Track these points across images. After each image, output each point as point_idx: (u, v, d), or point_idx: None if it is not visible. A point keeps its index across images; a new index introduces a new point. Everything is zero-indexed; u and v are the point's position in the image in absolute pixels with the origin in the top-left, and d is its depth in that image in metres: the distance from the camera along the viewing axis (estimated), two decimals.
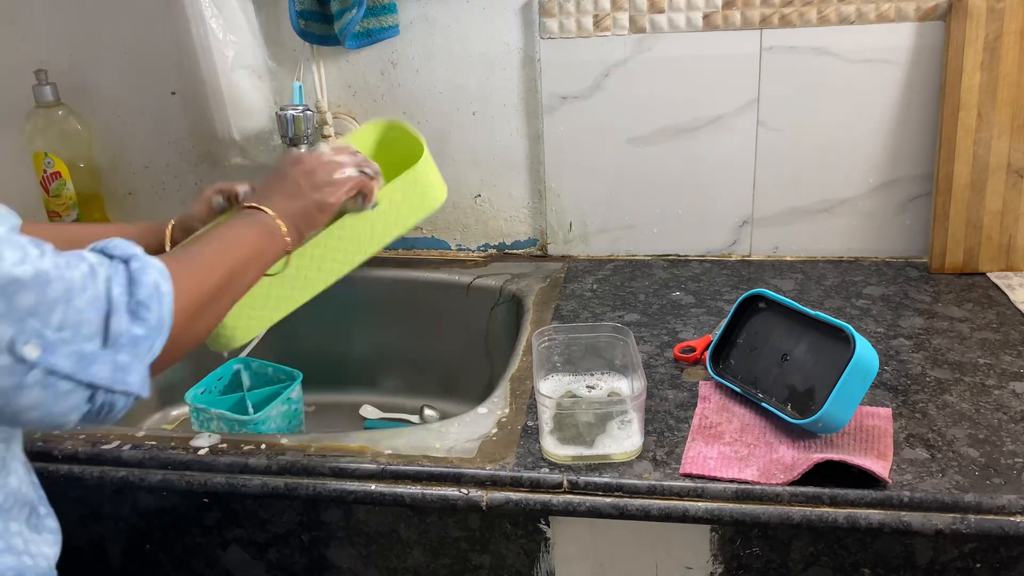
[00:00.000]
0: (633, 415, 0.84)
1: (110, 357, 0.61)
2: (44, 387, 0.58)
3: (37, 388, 0.58)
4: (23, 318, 0.56)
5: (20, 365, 0.57)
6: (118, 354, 0.62)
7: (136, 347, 0.63)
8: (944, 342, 1.04)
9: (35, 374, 0.57)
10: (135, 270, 0.64)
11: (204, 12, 1.21)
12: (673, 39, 1.24)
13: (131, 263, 0.64)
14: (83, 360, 0.60)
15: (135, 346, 0.63)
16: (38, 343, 0.57)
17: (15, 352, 0.56)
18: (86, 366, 0.60)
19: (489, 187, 1.39)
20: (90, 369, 0.60)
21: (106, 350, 0.61)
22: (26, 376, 0.57)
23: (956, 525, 0.76)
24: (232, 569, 0.96)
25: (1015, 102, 1.16)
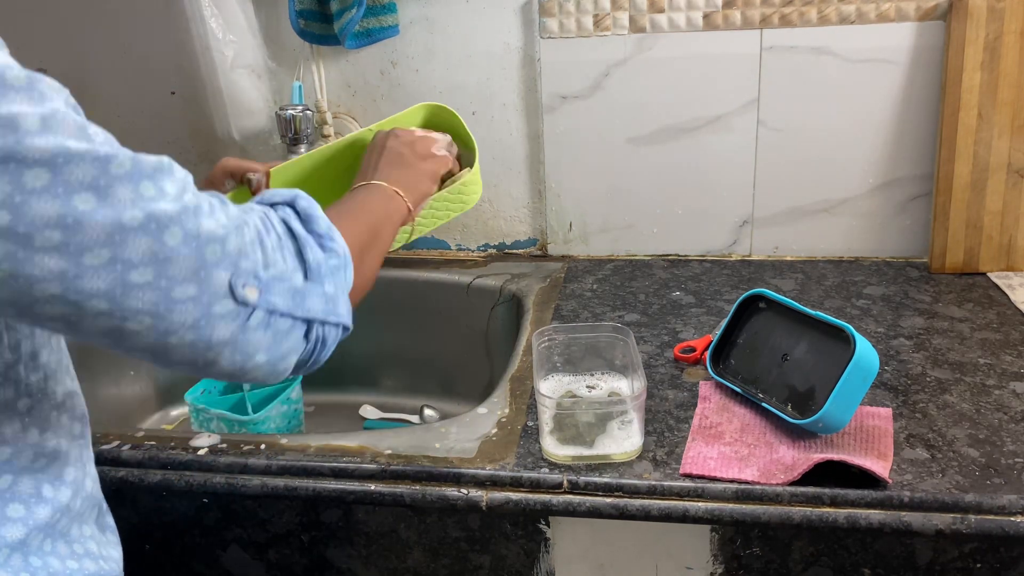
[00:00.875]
0: (633, 415, 0.84)
1: (318, 289, 0.62)
2: (267, 327, 0.58)
3: (260, 330, 0.58)
4: (236, 260, 0.56)
5: (242, 308, 0.57)
6: (324, 285, 0.62)
7: (335, 276, 0.64)
8: (944, 342, 1.04)
9: (257, 315, 0.58)
10: (303, 208, 0.65)
11: (204, 12, 1.21)
12: (673, 39, 1.24)
13: (297, 202, 0.65)
14: (297, 295, 0.60)
15: (334, 275, 0.64)
16: (255, 284, 0.57)
17: (236, 295, 0.56)
18: (301, 301, 0.60)
19: (489, 187, 1.39)
20: (305, 303, 0.61)
21: (311, 283, 0.61)
22: (248, 319, 0.57)
23: (956, 525, 0.76)
24: (232, 569, 0.96)
25: (1015, 102, 1.16)
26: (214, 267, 0.55)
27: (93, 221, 0.50)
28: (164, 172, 0.55)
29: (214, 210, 0.57)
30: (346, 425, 1.34)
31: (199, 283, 0.54)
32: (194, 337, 0.55)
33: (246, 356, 0.58)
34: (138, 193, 0.52)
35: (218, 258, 0.55)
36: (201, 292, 0.54)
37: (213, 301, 0.55)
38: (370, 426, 1.34)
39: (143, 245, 0.52)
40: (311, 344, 0.63)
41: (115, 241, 0.51)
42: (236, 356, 0.58)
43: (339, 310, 0.64)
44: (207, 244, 0.55)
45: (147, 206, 0.52)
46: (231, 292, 0.56)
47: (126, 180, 0.51)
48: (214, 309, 0.55)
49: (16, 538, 0.59)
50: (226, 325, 0.56)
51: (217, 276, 0.55)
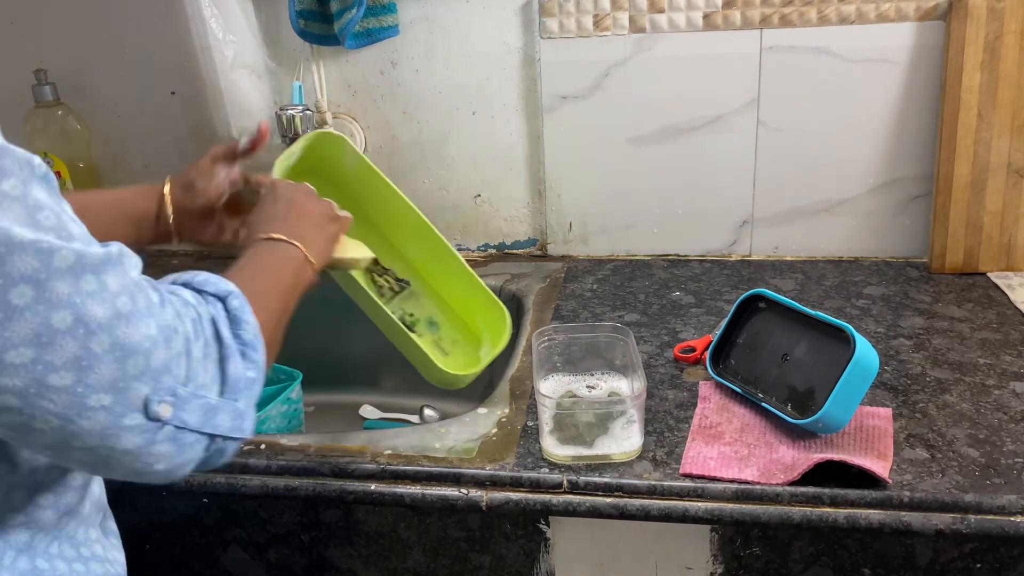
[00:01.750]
0: (633, 415, 0.84)
1: (231, 406, 0.60)
2: (172, 441, 0.57)
3: (166, 443, 0.57)
4: (157, 375, 0.55)
5: (153, 423, 0.55)
6: (237, 401, 0.61)
7: (250, 391, 0.62)
8: (944, 342, 1.04)
9: (166, 431, 0.56)
10: (235, 309, 0.63)
11: (204, 12, 1.21)
12: (673, 39, 1.24)
13: (228, 301, 0.63)
14: (209, 412, 0.59)
15: (249, 390, 0.62)
16: (170, 401, 0.56)
17: (149, 411, 0.55)
18: (211, 417, 0.59)
19: (489, 187, 1.39)
20: (215, 420, 0.59)
21: (225, 399, 0.60)
22: (157, 434, 0.56)
23: (956, 525, 0.76)
24: (232, 569, 0.96)
25: (1015, 102, 1.16)
26: (134, 380, 0.54)
27: (23, 319, 0.49)
28: (111, 265, 0.53)
29: (150, 314, 0.55)
30: (346, 425, 1.34)
31: (116, 393, 0.53)
32: (97, 444, 0.54)
33: (145, 465, 0.57)
34: (77, 288, 0.51)
35: (140, 371, 0.54)
36: (115, 403, 0.53)
37: (125, 413, 0.54)
38: (370, 426, 1.34)
39: (69, 349, 0.51)
40: (209, 455, 0.61)
41: (42, 342, 0.50)
42: (136, 465, 0.57)
43: (244, 426, 0.62)
44: (131, 356, 0.53)
45: (80, 308, 0.51)
46: (145, 407, 0.55)
47: (67, 274, 0.50)
48: (124, 421, 0.54)
49: (22, 540, 0.60)
50: (133, 437, 0.55)
51: (135, 390, 0.54)
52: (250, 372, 0.62)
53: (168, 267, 1.43)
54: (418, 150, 1.38)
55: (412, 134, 1.37)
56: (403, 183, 1.40)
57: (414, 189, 1.40)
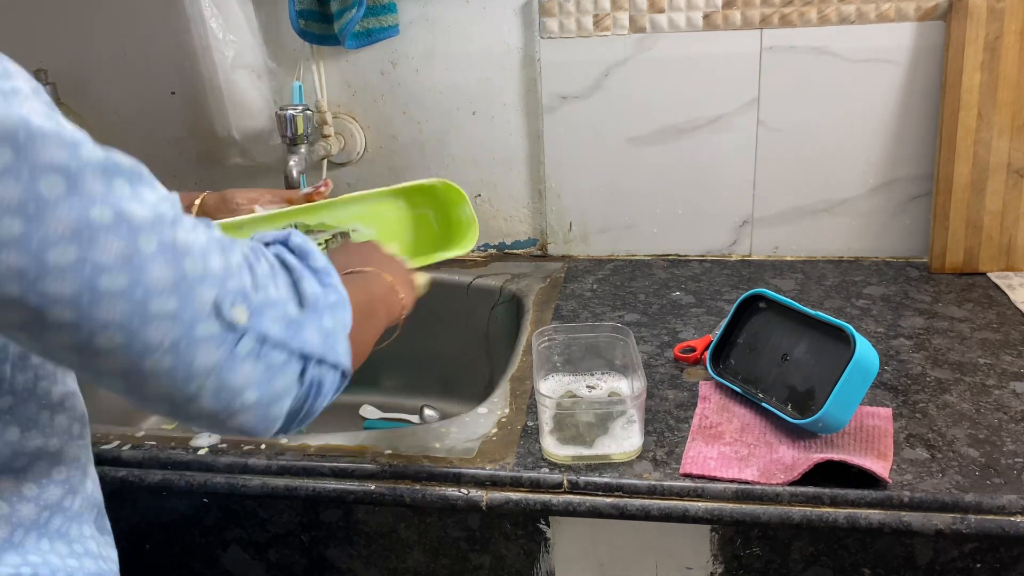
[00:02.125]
0: (633, 415, 0.84)
1: (315, 321, 0.54)
2: (257, 358, 0.51)
3: (250, 361, 0.50)
4: (222, 279, 0.49)
5: (230, 332, 0.49)
6: (322, 318, 0.55)
7: (334, 312, 0.56)
8: (944, 342, 1.04)
9: (246, 342, 0.50)
10: (297, 244, 0.59)
11: (204, 12, 1.21)
12: (673, 39, 1.24)
13: (291, 239, 0.59)
14: (292, 325, 0.52)
15: (334, 311, 0.56)
16: (244, 305, 0.50)
17: (223, 316, 0.49)
18: (296, 331, 0.52)
19: (489, 187, 1.39)
20: (301, 334, 0.53)
21: (308, 313, 0.54)
22: (236, 345, 0.49)
23: (956, 525, 0.76)
24: (232, 569, 0.96)
25: (1015, 102, 1.16)
26: (197, 282, 0.48)
27: (58, 212, 0.43)
28: (143, 178, 0.49)
29: (196, 227, 0.50)
30: (346, 425, 1.34)
31: (180, 296, 0.47)
32: (172, 362, 0.48)
33: (233, 392, 0.50)
34: (110, 188, 0.46)
35: (200, 274, 0.48)
36: (182, 308, 0.47)
37: (196, 320, 0.48)
38: (370, 426, 1.34)
39: (115, 247, 0.45)
40: (306, 388, 0.55)
41: (83, 238, 0.44)
42: (222, 392, 0.50)
43: (338, 348, 0.56)
44: (186, 256, 0.48)
45: (119, 204, 0.46)
46: (217, 312, 0.48)
47: (99, 172, 0.46)
48: (196, 330, 0.48)
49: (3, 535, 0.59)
50: (210, 351, 0.49)
51: (201, 292, 0.48)
52: (330, 295, 0.56)
53: None
54: (418, 150, 1.38)
55: (412, 134, 1.37)
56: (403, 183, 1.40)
57: None
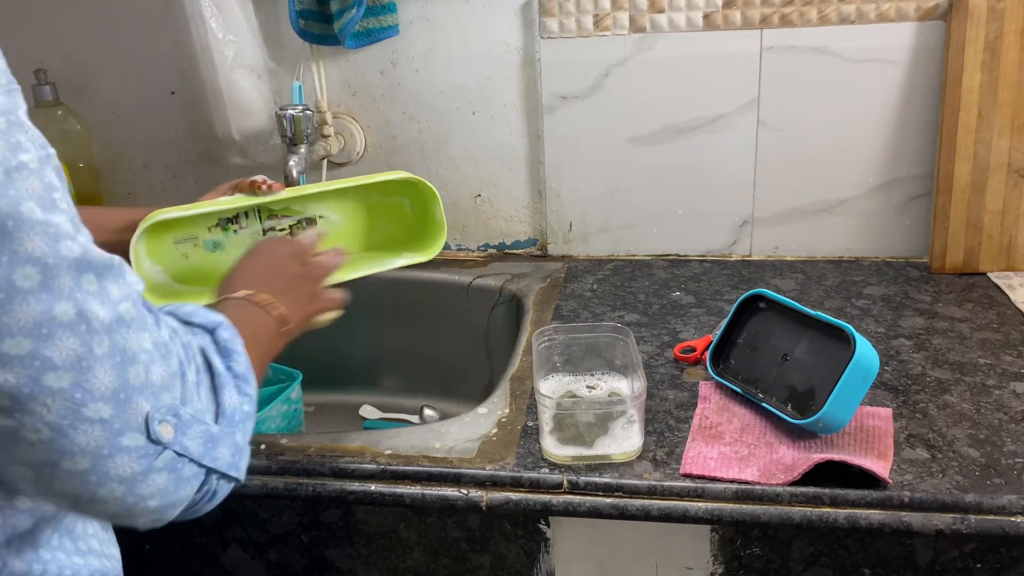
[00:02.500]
0: (633, 415, 0.84)
1: (229, 439, 0.55)
2: (171, 472, 0.52)
3: (164, 473, 0.51)
4: (158, 392, 0.50)
5: (153, 446, 0.50)
6: (235, 434, 0.56)
7: (246, 425, 0.57)
8: (944, 342, 1.04)
9: (165, 457, 0.51)
10: (225, 340, 0.59)
11: (204, 12, 1.21)
12: (673, 39, 1.24)
13: (218, 332, 0.59)
14: (209, 442, 0.54)
15: (245, 423, 0.57)
16: (172, 421, 0.51)
17: (151, 431, 0.50)
18: (211, 449, 0.54)
19: (489, 187, 1.39)
20: (215, 452, 0.54)
21: (223, 429, 0.55)
22: (156, 459, 0.51)
23: (956, 525, 0.76)
24: (232, 569, 0.96)
25: (1015, 102, 1.16)
26: (136, 392, 0.49)
27: (27, 304, 0.45)
28: (112, 272, 0.50)
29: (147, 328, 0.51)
30: (346, 425, 1.34)
31: (116, 405, 0.48)
32: (89, 467, 0.48)
33: (138, 499, 0.51)
34: (78, 283, 0.47)
35: (141, 384, 0.49)
36: (115, 416, 0.48)
37: (124, 430, 0.49)
38: (370, 426, 1.34)
39: (69, 346, 0.46)
40: (201, 495, 0.56)
41: (40, 333, 0.45)
42: (127, 498, 0.51)
43: (241, 464, 0.57)
44: (132, 364, 0.49)
45: (83, 303, 0.47)
46: (146, 425, 0.49)
47: (72, 266, 0.47)
48: (122, 440, 0.49)
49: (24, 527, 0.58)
50: (130, 462, 0.49)
51: (136, 403, 0.49)
52: (245, 406, 0.58)
53: None
54: (418, 150, 1.38)
55: (412, 134, 1.37)
56: None
57: None
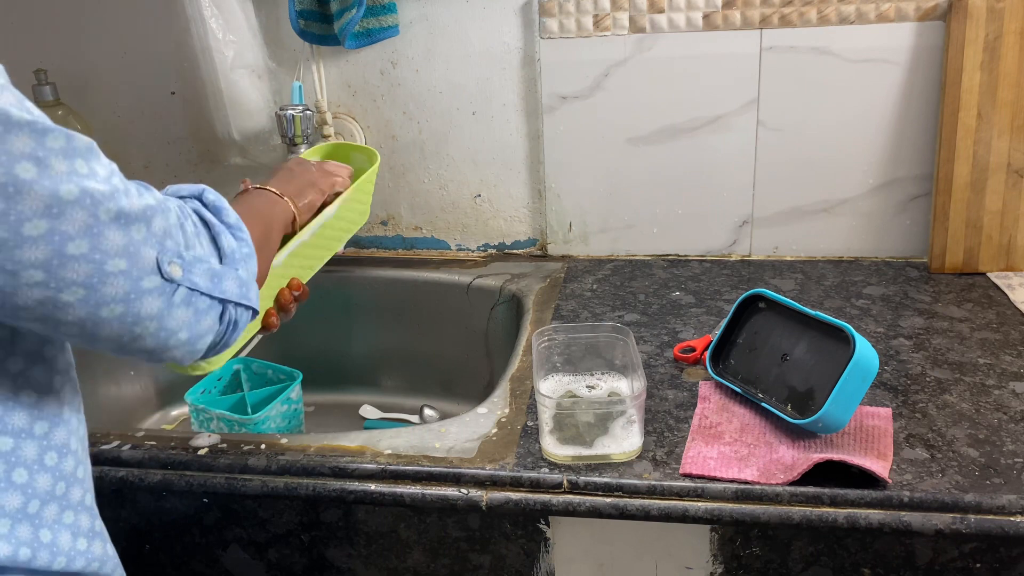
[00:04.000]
0: (633, 415, 0.84)
1: (233, 273, 0.65)
2: (188, 305, 0.61)
3: (183, 307, 0.61)
4: (161, 240, 0.59)
5: (168, 284, 0.60)
6: (238, 269, 0.66)
7: (247, 263, 0.67)
8: (944, 342, 1.04)
9: (180, 293, 0.61)
10: (211, 201, 0.68)
11: (204, 12, 1.21)
12: (673, 39, 1.24)
13: (204, 195, 0.68)
14: (215, 277, 0.63)
15: (246, 262, 0.67)
16: (179, 262, 0.60)
17: (163, 271, 0.59)
18: (219, 282, 0.64)
19: (489, 187, 1.39)
20: (222, 285, 0.64)
21: (226, 267, 0.65)
22: (173, 295, 0.60)
23: (956, 525, 0.76)
24: (232, 569, 0.96)
25: (1015, 102, 1.16)
26: (142, 244, 0.58)
27: (33, 191, 0.52)
28: (94, 154, 0.57)
29: (141, 194, 0.59)
30: (346, 425, 1.34)
31: (129, 258, 0.57)
32: (123, 310, 0.58)
33: (169, 333, 0.61)
34: (73, 168, 0.54)
35: (144, 236, 0.58)
36: (131, 266, 0.57)
37: (142, 275, 0.58)
38: (370, 426, 1.34)
39: (79, 218, 0.54)
40: (224, 325, 0.66)
41: (53, 213, 0.53)
42: (161, 332, 0.61)
43: (250, 294, 0.67)
44: (134, 223, 0.57)
45: (81, 182, 0.54)
46: (158, 268, 0.59)
47: (61, 155, 0.53)
48: (143, 283, 0.58)
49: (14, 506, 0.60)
50: (153, 300, 0.59)
51: (145, 252, 0.58)
52: (243, 247, 0.67)
53: None
54: (418, 150, 1.38)
55: (412, 134, 1.37)
56: (403, 183, 1.41)
57: (414, 189, 1.41)
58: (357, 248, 1.46)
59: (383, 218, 1.44)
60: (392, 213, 1.43)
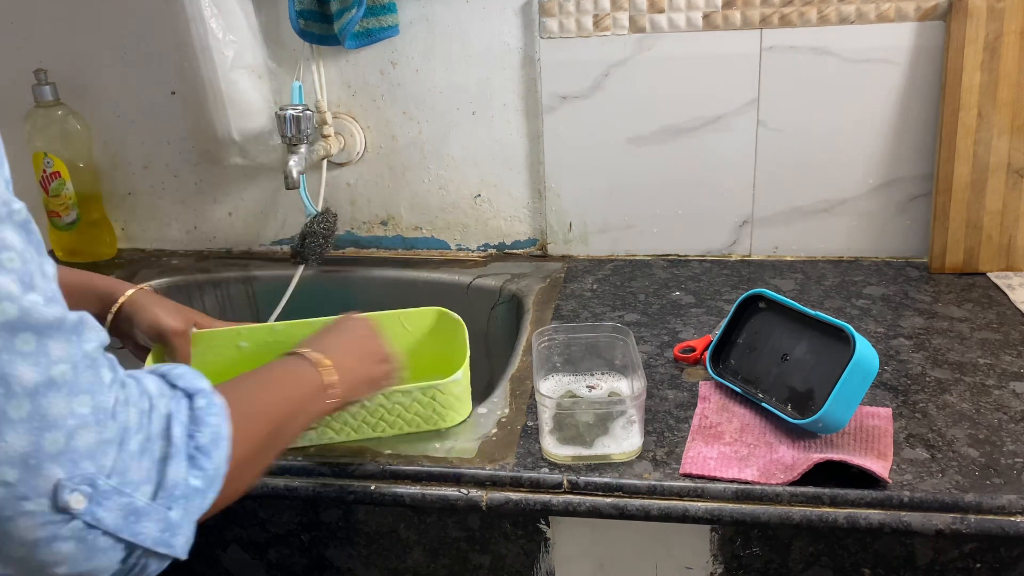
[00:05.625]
0: (633, 415, 0.84)
1: (161, 513, 0.53)
2: (79, 541, 0.50)
3: (72, 542, 0.49)
4: (77, 460, 0.49)
5: (59, 515, 0.48)
6: (170, 509, 0.54)
7: (190, 501, 0.55)
8: (944, 342, 1.04)
9: (73, 526, 0.49)
10: (199, 408, 0.57)
11: (204, 12, 1.21)
12: (673, 39, 1.24)
13: (196, 399, 0.58)
14: (131, 515, 0.51)
15: (189, 500, 0.55)
16: (86, 492, 0.49)
17: (57, 499, 0.48)
18: (133, 523, 0.51)
19: (489, 187, 1.39)
20: (137, 527, 0.52)
21: (157, 503, 0.53)
22: (62, 528, 0.49)
23: (956, 525, 0.76)
24: (232, 569, 0.96)
25: (1015, 102, 1.16)
26: (49, 459, 0.48)
27: None
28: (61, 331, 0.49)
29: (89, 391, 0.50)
30: None
31: (24, 470, 0.47)
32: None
33: (43, 564, 0.49)
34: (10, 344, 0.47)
35: (57, 451, 0.48)
36: (20, 481, 0.47)
37: (28, 495, 0.47)
38: None
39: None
40: (125, 569, 0.53)
41: None
42: (29, 562, 0.49)
43: (174, 541, 0.54)
44: (51, 431, 0.48)
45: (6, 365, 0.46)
46: (53, 493, 0.48)
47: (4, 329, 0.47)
48: (25, 504, 0.47)
49: None
50: (32, 527, 0.48)
51: (48, 469, 0.48)
52: (194, 480, 0.55)
53: (168, 267, 1.43)
54: (418, 150, 1.38)
55: (412, 134, 1.37)
56: (403, 183, 1.41)
57: (414, 189, 1.41)
58: (357, 248, 1.46)
59: (383, 218, 1.44)
60: (392, 213, 1.43)
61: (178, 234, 1.51)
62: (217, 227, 1.49)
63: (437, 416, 0.89)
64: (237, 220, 1.48)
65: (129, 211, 1.51)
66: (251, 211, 1.47)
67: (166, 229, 1.51)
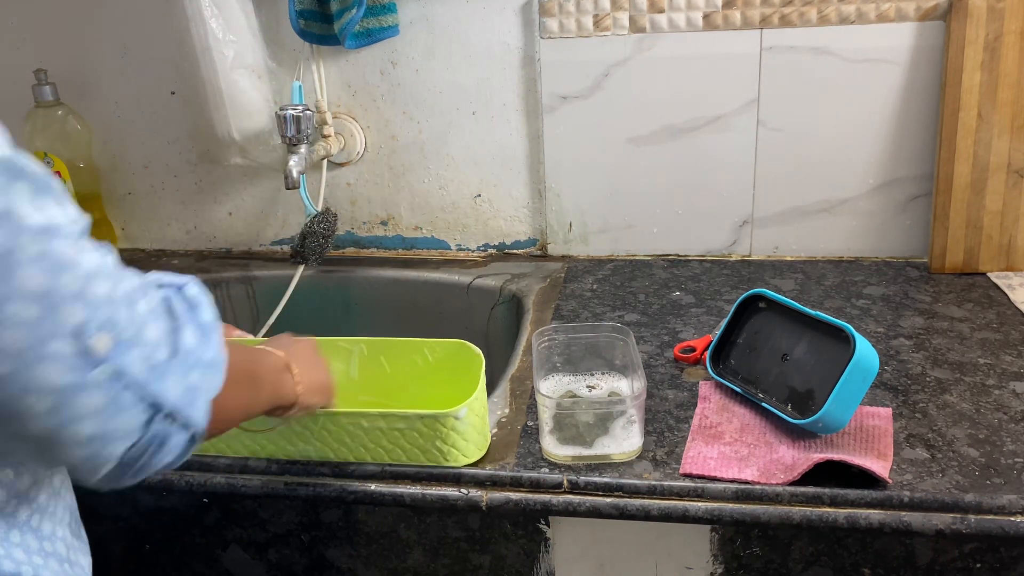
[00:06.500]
0: (633, 415, 0.84)
1: (180, 373, 0.51)
2: (106, 392, 0.47)
3: (97, 392, 0.47)
4: (96, 304, 0.47)
5: (84, 358, 0.46)
6: (189, 372, 0.52)
7: (205, 370, 0.53)
8: (944, 342, 1.04)
9: (101, 372, 0.47)
10: (192, 294, 0.57)
11: (204, 12, 1.21)
12: (673, 39, 1.24)
13: (186, 288, 0.57)
14: (154, 369, 0.49)
15: (204, 369, 0.53)
16: (110, 336, 0.47)
17: (83, 340, 0.46)
18: (157, 377, 0.49)
19: (489, 187, 1.39)
20: (161, 382, 0.50)
21: (175, 363, 0.51)
22: (89, 373, 0.47)
23: (956, 525, 0.76)
24: (232, 569, 0.96)
25: (1015, 102, 1.16)
26: (67, 299, 0.45)
27: None
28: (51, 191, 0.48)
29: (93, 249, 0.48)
30: None
31: (42, 308, 0.45)
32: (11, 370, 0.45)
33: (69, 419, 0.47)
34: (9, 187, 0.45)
35: (74, 292, 0.46)
36: (40, 319, 0.44)
37: (51, 336, 0.45)
38: None
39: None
40: (147, 438, 0.50)
41: None
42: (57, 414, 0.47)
43: (195, 407, 0.52)
44: (65, 271, 0.46)
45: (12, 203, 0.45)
46: (76, 334, 0.46)
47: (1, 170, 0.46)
48: (48, 346, 0.45)
49: None
50: (58, 371, 0.46)
51: (67, 310, 0.45)
52: (207, 352, 0.53)
53: (167, 268, 1.43)
54: (418, 150, 1.38)
55: (412, 134, 1.37)
56: (403, 183, 1.41)
57: (414, 189, 1.41)
58: (357, 248, 1.46)
59: (383, 218, 1.44)
60: (392, 213, 1.43)
61: (178, 234, 1.51)
62: (217, 227, 1.49)
63: (437, 452, 0.83)
64: (237, 220, 1.48)
65: (129, 211, 1.51)
66: (251, 211, 1.47)
67: (166, 229, 1.51)
